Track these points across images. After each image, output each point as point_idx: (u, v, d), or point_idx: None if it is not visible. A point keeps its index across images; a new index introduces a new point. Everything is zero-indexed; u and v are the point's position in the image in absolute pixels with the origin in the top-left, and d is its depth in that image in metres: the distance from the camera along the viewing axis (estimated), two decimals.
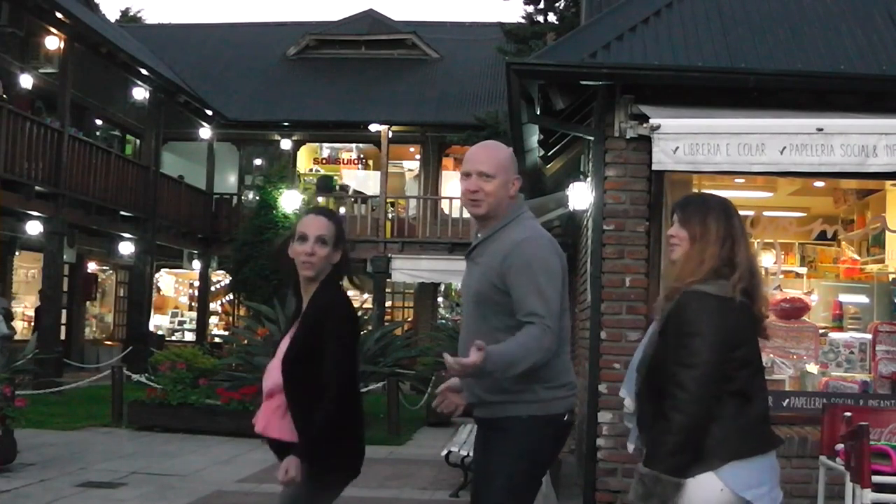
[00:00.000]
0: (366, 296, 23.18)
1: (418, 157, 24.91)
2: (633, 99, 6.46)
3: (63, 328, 18.62)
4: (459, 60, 25.43)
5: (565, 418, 3.37)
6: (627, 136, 6.44)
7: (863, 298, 7.46)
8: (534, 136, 8.69)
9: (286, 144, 23.74)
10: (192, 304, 25.68)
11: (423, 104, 23.44)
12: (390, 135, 22.89)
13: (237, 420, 10.54)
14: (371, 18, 26.78)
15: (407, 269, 22.14)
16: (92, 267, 21.83)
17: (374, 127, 22.60)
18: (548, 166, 9.69)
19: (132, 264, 20.35)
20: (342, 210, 23.07)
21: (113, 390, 11.94)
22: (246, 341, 13.37)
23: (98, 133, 21.67)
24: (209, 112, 22.41)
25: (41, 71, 18.08)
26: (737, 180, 7.09)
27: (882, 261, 7.69)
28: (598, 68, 6.54)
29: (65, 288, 18.58)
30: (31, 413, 9.38)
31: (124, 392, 11.93)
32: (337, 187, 24.26)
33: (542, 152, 9.09)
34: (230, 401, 10.92)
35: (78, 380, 14.39)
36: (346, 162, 26.45)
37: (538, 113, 7.06)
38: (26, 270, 19.79)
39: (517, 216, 3.42)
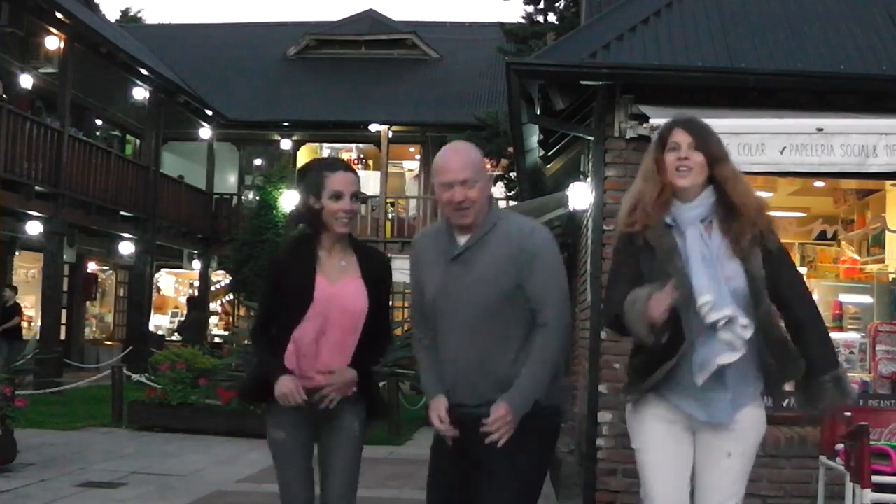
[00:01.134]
0: None
1: (418, 157, 24.93)
2: (633, 99, 6.46)
3: (63, 328, 18.65)
4: (459, 60, 25.44)
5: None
6: (627, 136, 6.44)
7: (863, 298, 7.46)
8: (534, 136, 8.69)
9: (286, 144, 23.76)
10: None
11: (423, 104, 23.46)
12: (390, 135, 22.91)
13: (237, 420, 10.55)
14: (371, 18, 26.80)
15: (407, 269, 22.14)
16: (92, 267, 21.85)
17: (374, 127, 22.61)
18: (548, 166, 9.69)
19: (132, 264, 20.37)
20: None
21: (113, 390, 11.95)
22: (246, 341, 13.36)
23: (98, 133, 21.68)
24: (209, 112, 22.42)
25: (41, 71, 18.10)
26: None
27: (882, 261, 7.69)
28: (598, 68, 6.54)
29: (65, 288, 18.64)
30: (31, 413, 9.38)
31: (124, 392, 11.94)
32: None
33: (542, 152, 9.10)
34: (230, 401, 10.92)
35: (78, 380, 14.40)
36: None
37: (538, 113, 7.06)
38: (26, 270, 19.80)
39: (500, 217, 3.38)
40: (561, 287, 3.31)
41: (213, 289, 24.53)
